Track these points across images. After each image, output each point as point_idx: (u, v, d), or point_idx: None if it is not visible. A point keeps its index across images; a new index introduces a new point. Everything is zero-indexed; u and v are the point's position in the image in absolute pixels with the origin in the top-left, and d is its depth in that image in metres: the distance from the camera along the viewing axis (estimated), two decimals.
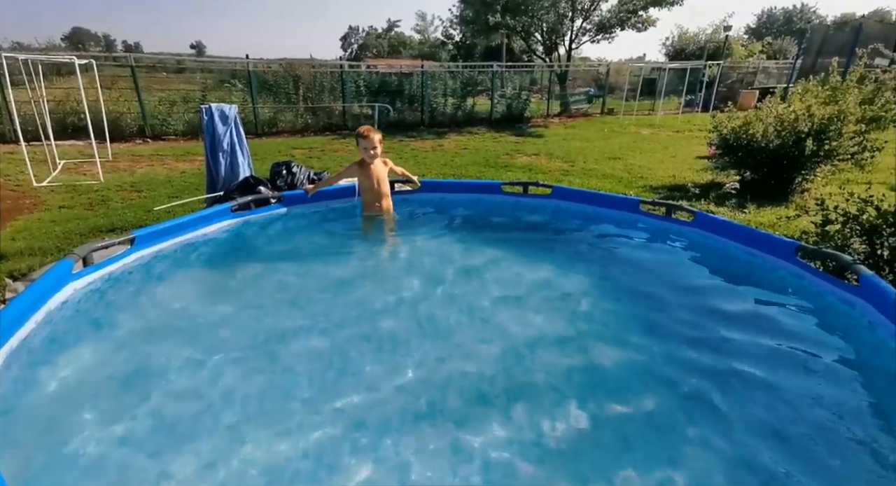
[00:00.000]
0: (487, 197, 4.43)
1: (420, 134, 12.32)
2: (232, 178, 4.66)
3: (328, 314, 2.59)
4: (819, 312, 2.51)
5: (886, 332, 2.13)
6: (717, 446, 1.72)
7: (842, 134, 5.32)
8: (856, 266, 2.42)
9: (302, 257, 3.36)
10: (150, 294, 2.78)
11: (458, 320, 2.54)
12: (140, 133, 10.95)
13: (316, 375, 2.09)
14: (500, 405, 1.92)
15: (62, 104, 10.57)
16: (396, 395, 1.97)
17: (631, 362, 2.21)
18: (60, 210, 5.27)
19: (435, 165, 8.06)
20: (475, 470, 1.61)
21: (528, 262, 3.29)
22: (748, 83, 19.94)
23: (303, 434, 1.75)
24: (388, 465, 1.63)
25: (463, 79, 14.99)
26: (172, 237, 3.24)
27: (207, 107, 4.56)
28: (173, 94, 12.25)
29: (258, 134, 11.63)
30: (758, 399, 1.94)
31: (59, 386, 1.97)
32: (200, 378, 2.06)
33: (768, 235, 3.15)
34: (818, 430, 1.79)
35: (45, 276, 2.40)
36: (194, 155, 8.78)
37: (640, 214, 3.85)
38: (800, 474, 1.60)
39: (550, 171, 7.72)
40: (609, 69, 19.67)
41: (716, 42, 23.79)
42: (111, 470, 1.60)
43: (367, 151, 3.58)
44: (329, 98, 13.24)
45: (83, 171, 7.29)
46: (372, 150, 3.56)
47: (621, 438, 1.78)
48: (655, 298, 2.80)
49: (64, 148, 8.49)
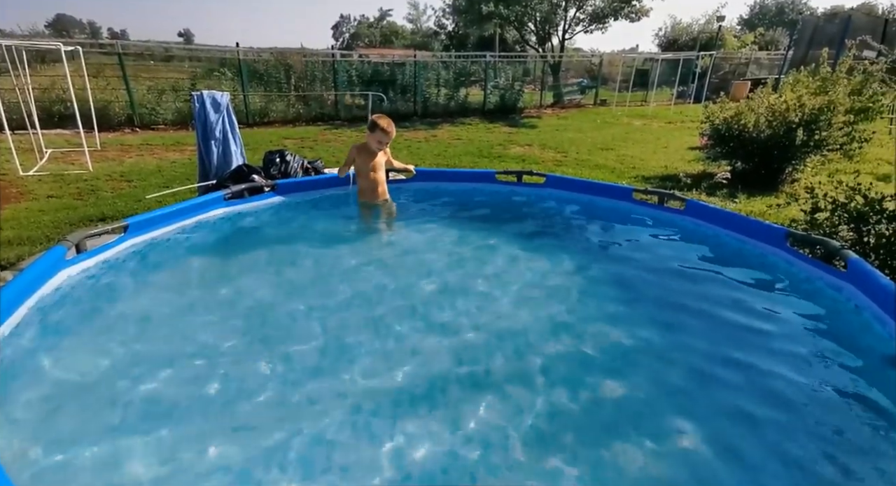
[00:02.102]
0: (482, 186, 4.44)
1: (413, 124, 12.26)
2: (224, 166, 4.62)
3: (324, 300, 2.60)
4: (807, 296, 2.56)
5: (872, 314, 2.19)
6: (704, 425, 1.76)
7: (831, 124, 5.39)
8: (844, 252, 2.47)
9: (297, 244, 3.35)
10: (144, 282, 2.77)
11: (453, 305, 2.56)
12: (128, 122, 10.78)
13: (312, 360, 2.10)
14: (496, 388, 1.95)
15: (47, 92, 10.35)
16: (393, 379, 1.99)
17: (622, 346, 2.24)
18: (49, 200, 5.19)
19: (428, 156, 8.04)
20: (472, 450, 1.64)
21: (521, 249, 3.31)
22: (740, 74, 20.05)
23: (300, 417, 1.77)
24: (387, 446, 1.65)
25: (456, 69, 14.90)
26: (166, 225, 3.22)
27: (199, 94, 4.50)
28: (162, 82, 12.06)
29: (249, 124, 11.50)
30: (745, 381, 1.98)
31: (53, 372, 1.96)
32: (196, 364, 2.06)
33: (758, 222, 3.20)
34: (804, 409, 1.84)
35: (38, 262, 2.38)
36: (185, 145, 8.67)
37: (633, 203, 3.88)
38: (783, 453, 1.65)
39: (544, 161, 7.74)
40: (602, 60, 19.64)
41: (709, 33, 23.82)
42: (107, 454, 1.60)
43: (379, 143, 3.59)
44: (321, 88, 13.10)
45: (71, 160, 7.18)
46: (384, 143, 3.62)
47: (612, 418, 1.82)
48: (647, 284, 2.84)
49: (50, 137, 8.35)
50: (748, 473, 1.58)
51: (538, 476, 1.56)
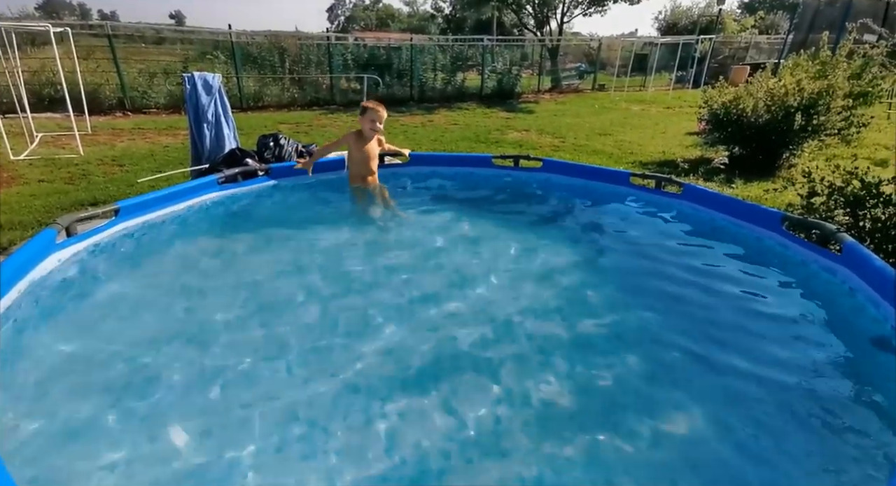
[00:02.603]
0: (479, 170, 4.40)
1: (409, 109, 12.13)
2: (217, 150, 4.56)
3: (318, 285, 2.59)
4: (802, 279, 2.57)
5: (866, 297, 2.20)
6: (699, 406, 1.77)
7: (830, 109, 5.35)
8: (839, 235, 2.47)
9: (291, 228, 3.32)
10: (136, 265, 2.74)
11: (448, 288, 2.55)
12: (120, 106, 10.61)
13: (307, 344, 2.09)
14: (491, 371, 1.95)
15: (37, 75, 10.17)
16: (386, 361, 1.99)
17: (617, 328, 2.25)
18: (40, 184, 5.13)
19: (425, 141, 7.97)
20: (467, 433, 1.64)
21: (518, 233, 3.30)
22: (739, 59, 19.88)
23: (295, 401, 1.77)
24: (381, 428, 1.66)
25: (453, 53, 14.70)
26: (158, 209, 3.18)
27: (190, 75, 4.42)
28: (153, 65, 11.85)
29: (243, 108, 11.35)
30: (740, 362, 1.99)
31: (44, 356, 1.95)
32: (189, 348, 2.05)
33: (755, 205, 3.19)
34: (797, 390, 1.85)
35: (28, 245, 2.35)
36: (177, 129, 8.56)
37: (630, 187, 3.86)
38: (777, 434, 1.67)
39: (541, 146, 7.69)
40: (601, 44, 19.41)
41: (709, 16, 23.53)
42: (101, 438, 1.60)
43: (371, 124, 3.54)
44: (316, 72, 12.91)
45: (62, 144, 7.08)
46: (377, 124, 3.55)
47: (607, 400, 1.83)
48: (644, 267, 2.84)
49: (40, 121, 8.21)
50: (743, 454, 1.59)
51: (535, 460, 1.56)
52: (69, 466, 1.50)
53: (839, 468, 1.54)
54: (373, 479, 1.48)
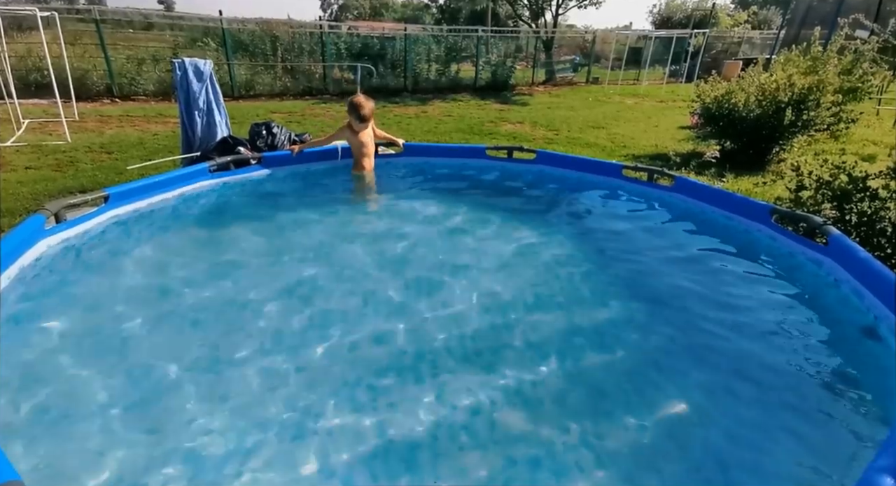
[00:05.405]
0: (472, 161, 4.40)
1: (403, 100, 12.06)
2: (209, 138, 4.50)
3: (311, 273, 2.59)
4: (789, 270, 2.61)
5: (850, 288, 2.24)
6: (684, 396, 1.81)
7: (820, 104, 5.41)
8: (825, 227, 2.51)
9: (282, 216, 3.31)
10: (126, 253, 2.72)
11: (441, 279, 2.56)
12: (107, 92, 10.43)
13: (300, 331, 2.10)
14: (482, 359, 1.97)
15: (23, 60, 9.96)
16: (378, 348, 2.00)
17: (607, 318, 2.28)
18: (27, 171, 5.05)
19: (419, 132, 7.94)
20: (458, 421, 1.66)
21: (511, 224, 3.31)
22: (732, 54, 19.95)
23: (288, 388, 1.78)
24: (372, 414, 1.67)
25: (447, 44, 14.59)
26: (148, 196, 3.15)
27: (180, 61, 4.35)
28: (141, 51, 11.63)
29: (234, 97, 11.21)
30: (725, 352, 2.03)
31: (35, 341, 1.94)
32: (179, 335, 2.05)
33: (744, 198, 3.23)
34: (782, 379, 1.89)
35: (16, 231, 2.32)
36: (167, 117, 8.44)
37: (622, 179, 3.88)
38: (761, 424, 1.71)
39: (535, 139, 7.69)
40: (595, 37, 19.37)
41: (703, 10, 23.56)
42: (93, 424, 1.60)
43: (360, 119, 3.70)
44: (308, 61, 12.76)
45: (49, 131, 6.96)
46: (364, 117, 3.70)
47: (596, 389, 1.86)
48: (633, 258, 2.87)
49: (27, 107, 8.06)
50: (728, 439, 1.62)
51: (525, 446, 1.59)
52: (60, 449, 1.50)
53: (824, 452, 1.59)
54: (364, 462, 1.50)
